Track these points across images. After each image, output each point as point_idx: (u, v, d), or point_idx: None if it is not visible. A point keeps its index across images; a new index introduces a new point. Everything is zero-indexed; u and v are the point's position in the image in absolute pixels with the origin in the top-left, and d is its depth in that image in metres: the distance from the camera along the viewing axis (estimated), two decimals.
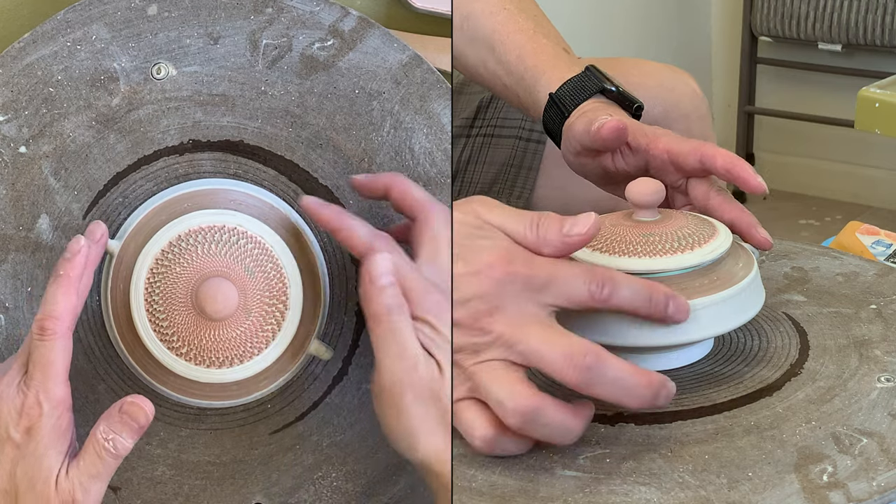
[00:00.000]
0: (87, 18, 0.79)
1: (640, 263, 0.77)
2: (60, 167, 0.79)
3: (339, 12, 0.81)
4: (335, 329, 0.81)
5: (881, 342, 0.82)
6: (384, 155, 0.81)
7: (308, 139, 0.80)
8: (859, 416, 0.74)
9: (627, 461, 0.71)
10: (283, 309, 0.77)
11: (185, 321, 0.76)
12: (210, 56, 0.80)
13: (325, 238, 0.80)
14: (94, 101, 0.79)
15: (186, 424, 0.80)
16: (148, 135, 0.80)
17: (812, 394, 0.76)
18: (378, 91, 0.81)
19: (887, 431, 0.72)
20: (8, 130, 0.78)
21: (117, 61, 0.79)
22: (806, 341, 0.83)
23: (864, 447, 0.70)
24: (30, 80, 0.78)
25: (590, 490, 0.69)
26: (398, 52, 0.81)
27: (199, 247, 0.77)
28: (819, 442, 0.71)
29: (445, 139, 0.81)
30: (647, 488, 0.69)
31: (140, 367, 0.77)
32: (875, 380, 0.77)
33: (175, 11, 0.79)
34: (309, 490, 0.81)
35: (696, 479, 0.69)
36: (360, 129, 0.81)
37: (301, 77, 0.80)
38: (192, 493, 0.80)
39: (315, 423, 0.81)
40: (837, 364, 0.80)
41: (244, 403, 0.79)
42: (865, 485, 0.67)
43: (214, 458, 0.81)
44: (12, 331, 0.79)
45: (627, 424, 0.75)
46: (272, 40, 0.80)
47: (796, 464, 0.69)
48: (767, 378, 0.79)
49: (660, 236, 0.79)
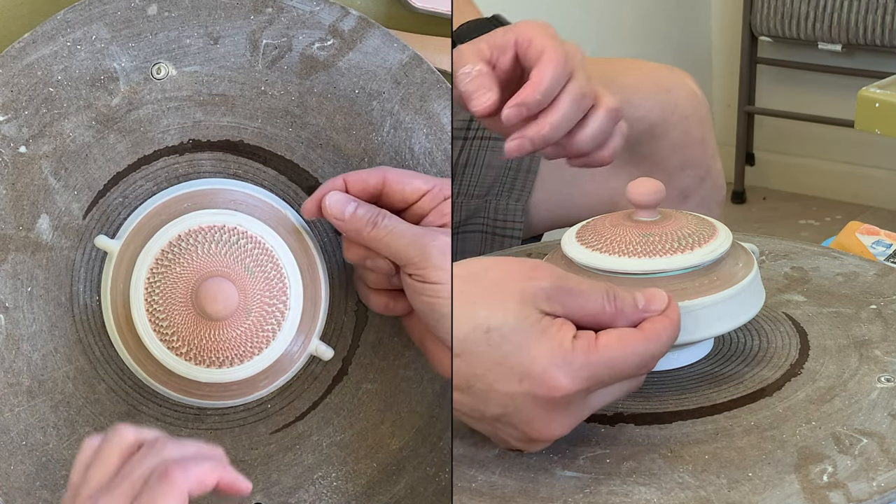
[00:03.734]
0: (87, 18, 0.79)
1: (640, 263, 0.77)
2: (60, 167, 0.79)
3: (339, 12, 0.81)
4: (335, 329, 0.81)
5: (881, 342, 0.82)
6: (384, 155, 0.81)
7: (308, 139, 0.80)
8: (859, 416, 0.74)
9: (627, 461, 0.71)
10: (283, 309, 0.77)
11: (185, 321, 0.76)
12: (210, 56, 0.80)
13: (325, 238, 0.80)
14: (94, 101, 0.79)
15: (186, 424, 0.80)
16: (148, 135, 0.80)
17: (812, 394, 0.76)
18: (378, 91, 0.81)
19: (887, 431, 0.72)
20: (8, 130, 0.78)
21: (117, 61, 0.79)
22: (806, 341, 0.83)
23: (864, 447, 0.70)
24: (30, 80, 0.78)
25: (590, 490, 0.69)
26: (398, 52, 0.81)
27: (199, 247, 0.77)
28: (819, 442, 0.71)
29: (445, 139, 0.81)
30: (647, 489, 0.69)
31: (140, 367, 0.77)
32: (875, 380, 0.77)
33: (175, 11, 0.79)
34: (309, 490, 0.81)
35: (696, 480, 0.69)
36: (360, 129, 0.81)
37: (301, 77, 0.80)
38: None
39: (315, 423, 0.81)
40: (837, 364, 0.80)
41: (244, 403, 0.79)
42: (865, 485, 0.67)
43: None
44: (12, 331, 0.79)
45: (627, 424, 0.75)
46: (272, 40, 0.80)
47: (796, 464, 0.69)
48: (767, 378, 0.79)
49: (660, 236, 0.79)
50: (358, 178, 0.77)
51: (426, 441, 0.82)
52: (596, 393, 0.70)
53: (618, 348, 0.69)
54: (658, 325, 0.71)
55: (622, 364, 0.69)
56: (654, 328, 0.71)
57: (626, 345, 0.69)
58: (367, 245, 0.76)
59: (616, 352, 0.69)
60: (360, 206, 0.76)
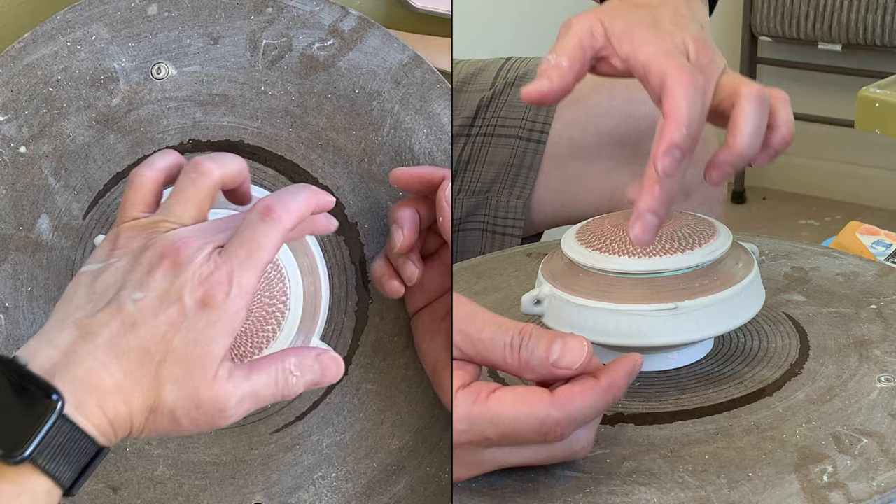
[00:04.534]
0: (87, 18, 0.79)
1: (640, 263, 0.77)
2: (60, 167, 0.79)
3: (339, 12, 0.81)
4: (335, 329, 0.81)
5: (881, 342, 0.82)
6: (384, 155, 0.81)
7: (308, 139, 0.80)
8: (859, 416, 0.74)
9: (627, 461, 0.71)
10: (284, 309, 0.77)
11: None
12: (210, 56, 0.80)
13: (325, 238, 0.80)
14: (94, 101, 0.79)
15: None
16: (148, 135, 0.80)
17: (812, 394, 0.76)
18: (378, 91, 0.81)
19: (887, 431, 0.72)
20: (8, 130, 0.78)
21: (117, 61, 0.79)
22: (806, 341, 0.83)
23: (864, 447, 0.70)
24: (30, 80, 0.78)
25: (590, 490, 0.69)
26: (398, 52, 0.81)
27: None
28: (819, 442, 0.71)
29: (445, 139, 0.81)
30: (647, 489, 0.69)
31: None
32: (875, 380, 0.77)
33: (175, 11, 0.80)
34: (309, 490, 0.81)
35: (696, 480, 0.69)
36: (360, 129, 0.81)
37: (301, 77, 0.80)
38: (192, 493, 0.80)
39: (315, 423, 0.81)
40: (837, 364, 0.80)
41: None
42: (865, 485, 0.67)
43: (214, 458, 0.81)
44: (12, 331, 0.79)
45: (627, 425, 0.75)
46: (272, 40, 0.80)
47: (796, 464, 0.69)
48: (767, 378, 0.79)
49: (660, 236, 0.79)
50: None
51: (426, 441, 0.82)
52: (500, 449, 0.66)
53: (510, 406, 0.64)
54: (575, 389, 0.65)
55: (512, 424, 0.64)
56: (568, 392, 0.65)
57: (521, 404, 0.64)
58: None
59: (506, 409, 0.64)
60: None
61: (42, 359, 0.60)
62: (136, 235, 0.66)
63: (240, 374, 0.64)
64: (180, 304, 0.62)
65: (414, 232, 0.76)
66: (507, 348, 0.66)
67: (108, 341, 0.61)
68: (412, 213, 0.76)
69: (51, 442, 0.58)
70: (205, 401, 0.62)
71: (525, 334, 0.66)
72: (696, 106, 0.73)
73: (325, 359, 0.69)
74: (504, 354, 0.66)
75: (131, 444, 0.80)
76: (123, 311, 0.61)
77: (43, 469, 0.58)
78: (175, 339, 0.61)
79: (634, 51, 0.77)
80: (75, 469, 0.59)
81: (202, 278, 0.62)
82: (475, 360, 0.67)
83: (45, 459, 0.58)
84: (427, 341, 0.79)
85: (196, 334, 0.62)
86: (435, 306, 0.79)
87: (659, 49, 0.76)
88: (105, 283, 0.63)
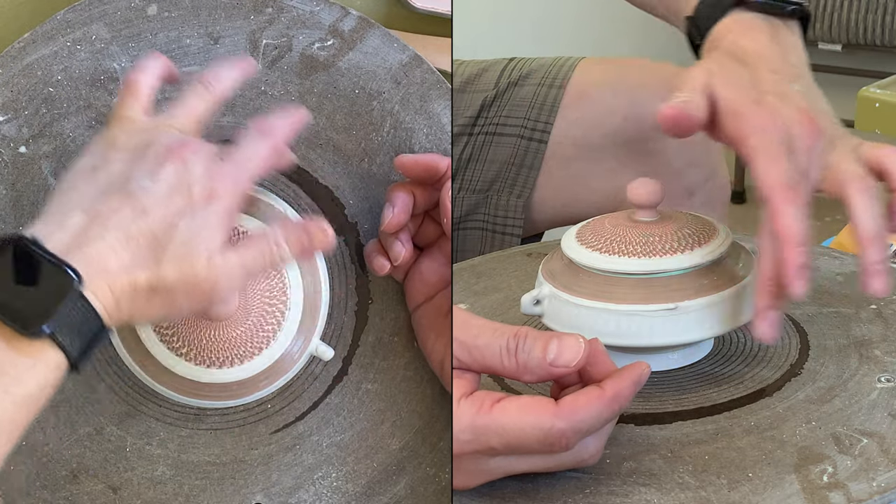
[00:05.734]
0: (87, 18, 0.79)
1: (640, 263, 0.77)
2: (60, 167, 0.79)
3: (339, 12, 0.81)
4: (335, 329, 0.81)
5: (881, 342, 0.82)
6: (384, 155, 0.81)
7: (308, 139, 0.80)
8: (859, 416, 0.73)
9: (627, 462, 0.71)
10: (283, 309, 0.77)
11: (185, 321, 0.76)
12: (210, 56, 0.80)
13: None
14: (94, 101, 0.79)
15: (186, 424, 0.80)
16: None
17: (812, 394, 0.76)
18: (378, 91, 0.81)
19: (887, 431, 0.72)
20: (8, 130, 0.78)
21: (117, 61, 0.79)
22: (806, 341, 0.83)
23: (865, 447, 0.70)
24: (30, 80, 0.78)
25: (590, 491, 0.69)
26: (398, 52, 0.81)
27: None
28: (819, 442, 0.71)
29: (445, 139, 0.81)
30: (647, 489, 0.69)
31: (140, 367, 0.77)
32: (875, 380, 0.77)
33: (175, 11, 0.80)
34: (309, 490, 0.81)
35: (696, 480, 0.69)
36: (360, 129, 0.81)
37: (301, 77, 0.80)
38: (192, 493, 0.80)
39: (315, 423, 0.81)
40: (837, 364, 0.80)
41: (244, 403, 0.79)
42: (865, 485, 0.67)
43: (214, 458, 0.81)
44: None
45: (627, 425, 0.75)
46: (272, 40, 0.80)
47: (796, 464, 0.69)
48: (767, 378, 0.79)
49: (660, 236, 0.79)
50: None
51: (426, 441, 0.82)
52: (505, 458, 0.66)
53: (514, 417, 0.64)
54: (580, 399, 0.65)
55: (517, 434, 0.64)
56: (572, 401, 0.65)
57: (526, 414, 0.64)
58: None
59: (511, 420, 0.64)
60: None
61: (55, 240, 0.62)
62: (137, 135, 0.68)
63: (231, 252, 0.67)
64: (189, 194, 0.65)
65: (404, 212, 0.77)
66: (503, 352, 0.66)
67: (119, 225, 0.63)
68: (406, 195, 0.77)
69: (66, 318, 0.60)
70: (201, 279, 0.65)
71: (520, 337, 0.66)
72: (799, 221, 0.73)
73: (311, 227, 0.70)
74: (501, 359, 0.66)
75: (131, 445, 0.80)
76: (133, 198, 0.64)
77: (58, 343, 0.60)
78: (180, 224, 0.64)
79: (741, 139, 0.76)
80: (83, 346, 0.62)
81: (211, 174, 0.66)
82: (473, 367, 0.67)
83: (60, 334, 0.60)
84: (432, 339, 0.79)
85: (201, 223, 0.65)
86: (437, 301, 0.79)
87: (762, 143, 0.75)
88: (109, 174, 0.66)
